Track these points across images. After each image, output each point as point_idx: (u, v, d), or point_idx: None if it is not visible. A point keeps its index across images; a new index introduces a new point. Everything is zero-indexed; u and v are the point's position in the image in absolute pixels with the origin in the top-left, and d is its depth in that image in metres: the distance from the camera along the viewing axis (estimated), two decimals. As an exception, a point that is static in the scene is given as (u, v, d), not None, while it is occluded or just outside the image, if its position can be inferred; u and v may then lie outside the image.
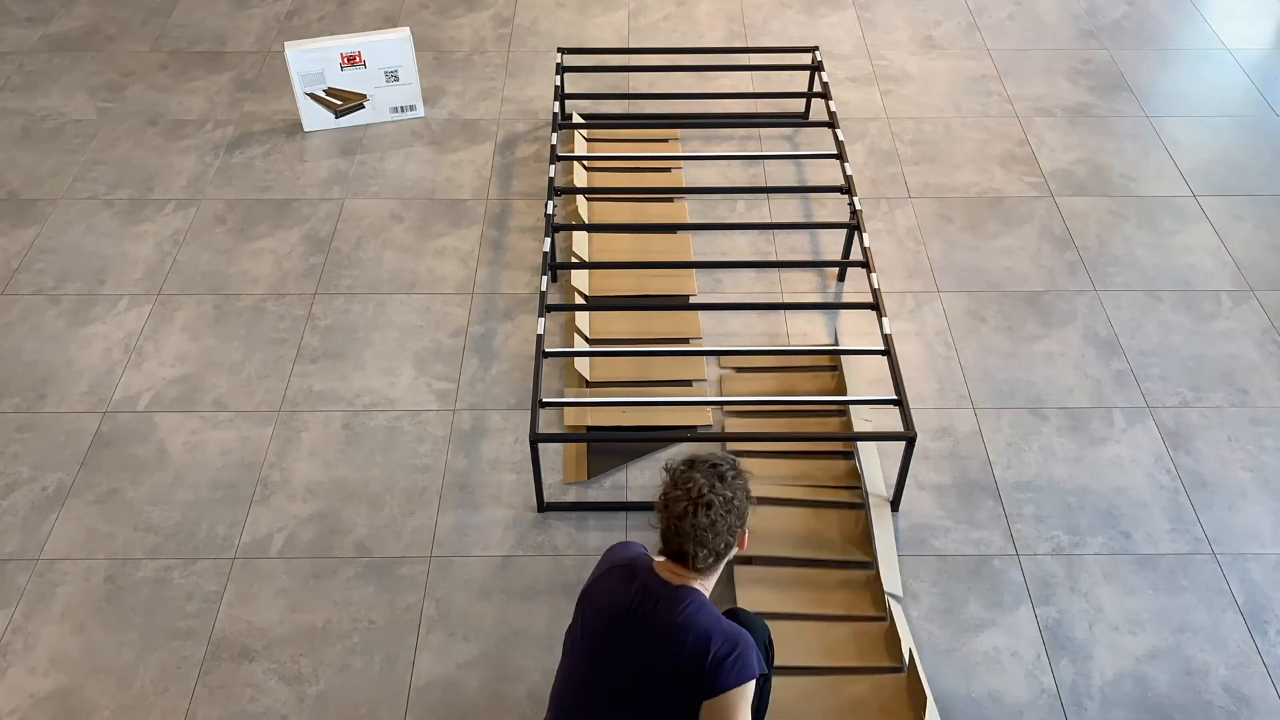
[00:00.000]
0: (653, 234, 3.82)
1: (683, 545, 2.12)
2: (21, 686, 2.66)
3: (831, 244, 3.85)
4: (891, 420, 3.28)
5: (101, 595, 2.85)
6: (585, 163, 4.04)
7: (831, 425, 3.23)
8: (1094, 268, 3.78)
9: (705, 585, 2.19)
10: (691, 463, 2.17)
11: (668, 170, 4.10)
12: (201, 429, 3.25)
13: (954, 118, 4.44)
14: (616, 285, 3.65)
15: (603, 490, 3.09)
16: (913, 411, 3.25)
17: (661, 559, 2.20)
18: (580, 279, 3.62)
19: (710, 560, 2.13)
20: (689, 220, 3.92)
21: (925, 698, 2.51)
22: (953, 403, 3.34)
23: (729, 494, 2.13)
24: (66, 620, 2.80)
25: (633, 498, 3.07)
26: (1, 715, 2.61)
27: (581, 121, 4.15)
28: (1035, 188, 4.11)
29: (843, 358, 3.39)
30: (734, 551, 2.18)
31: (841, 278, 3.72)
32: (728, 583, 2.83)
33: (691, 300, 3.64)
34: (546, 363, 3.44)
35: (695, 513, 2.10)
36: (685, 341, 3.49)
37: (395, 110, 4.41)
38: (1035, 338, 3.54)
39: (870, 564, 2.88)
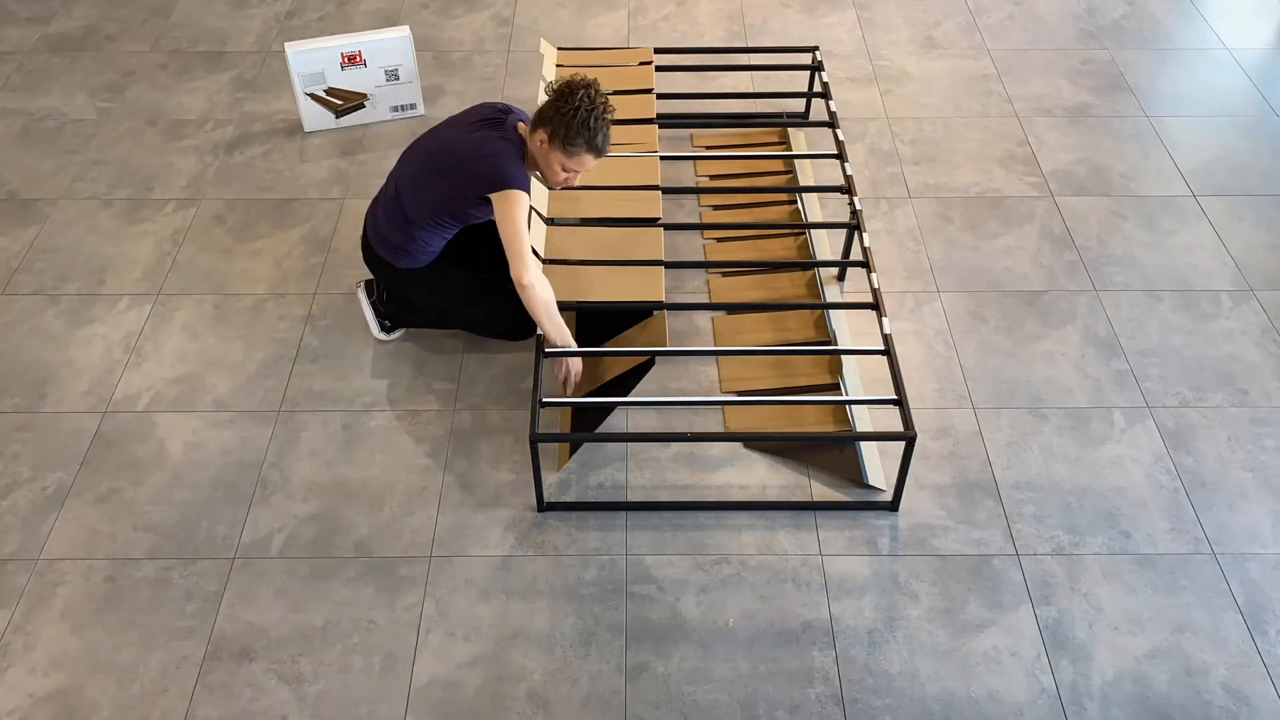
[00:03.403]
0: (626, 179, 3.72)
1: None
2: (21, 686, 2.66)
3: (831, 244, 3.85)
4: (891, 420, 3.29)
5: (101, 595, 2.85)
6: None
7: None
8: (1094, 268, 3.79)
9: (530, 141, 3.10)
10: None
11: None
12: (201, 429, 3.25)
13: (954, 118, 4.44)
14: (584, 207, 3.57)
15: (603, 490, 3.09)
16: (913, 411, 3.24)
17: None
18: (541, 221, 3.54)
19: (537, 114, 3.06)
20: (668, 219, 3.92)
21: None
22: (953, 403, 3.34)
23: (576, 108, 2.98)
24: (66, 620, 2.80)
25: (633, 498, 3.07)
26: (1, 715, 2.61)
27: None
28: (1035, 188, 4.11)
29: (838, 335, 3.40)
30: (540, 136, 3.05)
31: (841, 278, 3.73)
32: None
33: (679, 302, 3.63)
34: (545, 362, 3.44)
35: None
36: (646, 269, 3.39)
37: (395, 109, 4.41)
38: (1035, 338, 3.54)
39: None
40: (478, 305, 3.29)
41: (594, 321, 3.47)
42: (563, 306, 3.15)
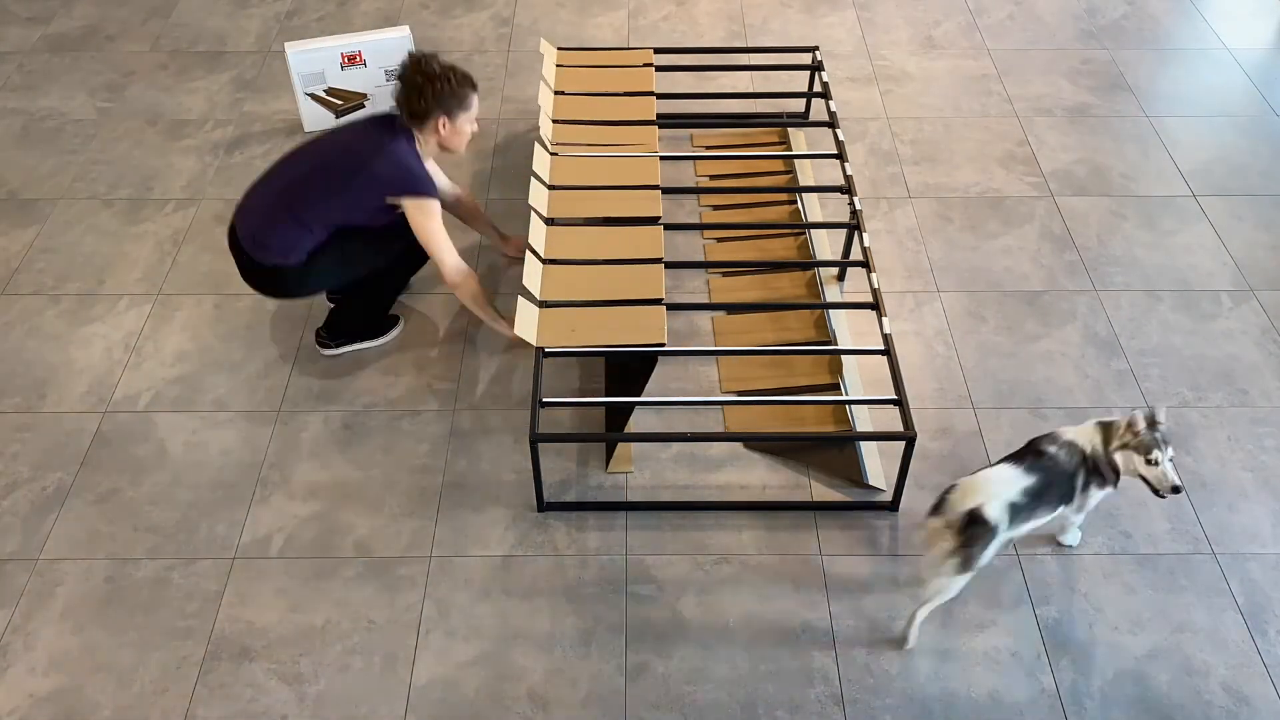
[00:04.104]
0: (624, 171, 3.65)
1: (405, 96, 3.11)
2: (21, 686, 2.67)
3: (831, 244, 3.85)
4: (891, 420, 3.29)
5: (101, 595, 2.85)
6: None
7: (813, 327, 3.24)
8: (1094, 268, 3.79)
9: (420, 140, 3.19)
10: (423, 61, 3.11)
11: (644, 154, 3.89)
12: (201, 429, 3.25)
13: (954, 118, 4.44)
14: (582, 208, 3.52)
15: (603, 490, 3.09)
16: (913, 411, 3.24)
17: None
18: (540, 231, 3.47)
19: (411, 115, 3.13)
20: (666, 219, 3.92)
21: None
22: (953, 403, 3.34)
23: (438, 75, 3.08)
24: (66, 620, 2.80)
25: (633, 498, 3.07)
26: (1, 715, 2.61)
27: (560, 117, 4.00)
28: (1035, 188, 4.11)
29: (838, 344, 3.40)
30: (439, 123, 3.14)
31: (841, 278, 3.73)
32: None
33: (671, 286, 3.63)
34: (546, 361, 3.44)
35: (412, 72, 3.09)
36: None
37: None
38: (1035, 338, 3.54)
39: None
40: (381, 253, 3.33)
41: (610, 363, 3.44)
42: (563, 304, 3.16)
